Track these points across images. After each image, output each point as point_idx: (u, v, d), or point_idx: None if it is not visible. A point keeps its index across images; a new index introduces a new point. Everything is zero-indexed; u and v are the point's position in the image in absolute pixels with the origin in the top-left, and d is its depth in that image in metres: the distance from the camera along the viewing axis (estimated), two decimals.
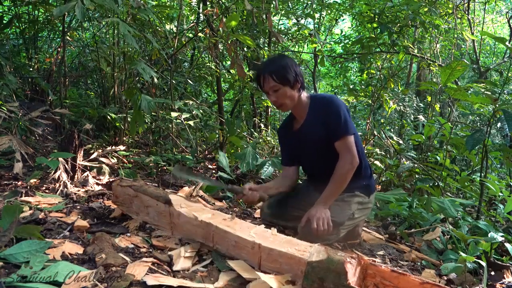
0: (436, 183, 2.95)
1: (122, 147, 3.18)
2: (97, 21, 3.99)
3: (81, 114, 3.46)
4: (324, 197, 1.71)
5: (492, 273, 1.71)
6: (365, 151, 3.42)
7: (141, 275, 1.18)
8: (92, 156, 2.79)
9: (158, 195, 1.65)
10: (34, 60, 3.74)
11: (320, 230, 1.62)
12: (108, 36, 4.24)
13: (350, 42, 6.89)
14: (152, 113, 3.55)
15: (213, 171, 3.27)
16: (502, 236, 1.88)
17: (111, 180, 2.51)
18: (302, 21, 5.75)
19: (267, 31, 5.02)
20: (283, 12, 5.27)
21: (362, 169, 1.83)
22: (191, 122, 3.48)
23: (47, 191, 2.08)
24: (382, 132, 4.24)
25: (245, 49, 4.66)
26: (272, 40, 5.26)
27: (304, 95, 1.83)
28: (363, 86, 5.34)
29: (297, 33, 5.58)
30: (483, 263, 1.60)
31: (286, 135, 1.98)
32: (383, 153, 4.23)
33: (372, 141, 4.42)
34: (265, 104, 5.07)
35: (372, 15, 3.95)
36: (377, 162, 3.89)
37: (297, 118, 1.88)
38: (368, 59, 4.72)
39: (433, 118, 4.81)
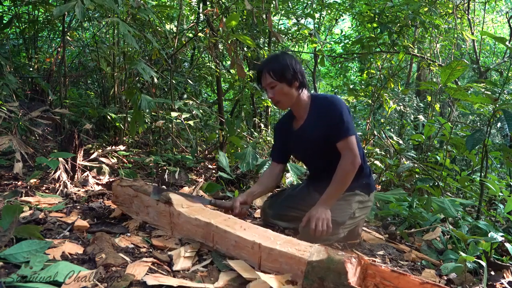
0: (436, 183, 2.95)
1: (122, 147, 3.18)
2: (97, 21, 3.99)
3: (81, 114, 3.46)
4: (326, 198, 1.71)
5: (492, 273, 1.71)
6: (365, 151, 3.42)
7: (141, 275, 1.18)
8: (92, 156, 2.79)
9: None
10: (34, 60, 3.74)
11: (318, 231, 1.62)
12: (108, 36, 4.25)
13: (350, 42, 6.90)
14: (152, 113, 3.55)
15: (213, 171, 3.27)
16: (502, 236, 1.88)
17: (111, 180, 2.51)
18: (302, 21, 5.75)
19: (267, 31, 5.03)
20: (283, 12, 5.28)
21: (361, 168, 1.84)
22: (191, 122, 3.48)
23: (47, 191, 2.08)
24: (382, 132, 4.23)
25: (245, 49, 4.67)
26: (272, 40, 5.26)
27: (305, 94, 1.83)
28: (363, 86, 5.35)
29: (297, 33, 5.59)
30: (483, 263, 1.60)
31: (284, 133, 1.97)
32: (383, 153, 4.23)
33: (372, 141, 4.42)
34: (265, 104, 5.07)
35: (372, 15, 3.95)
36: (377, 162, 3.89)
37: (297, 117, 1.88)
38: (368, 59, 4.73)
39: (433, 118, 4.81)
